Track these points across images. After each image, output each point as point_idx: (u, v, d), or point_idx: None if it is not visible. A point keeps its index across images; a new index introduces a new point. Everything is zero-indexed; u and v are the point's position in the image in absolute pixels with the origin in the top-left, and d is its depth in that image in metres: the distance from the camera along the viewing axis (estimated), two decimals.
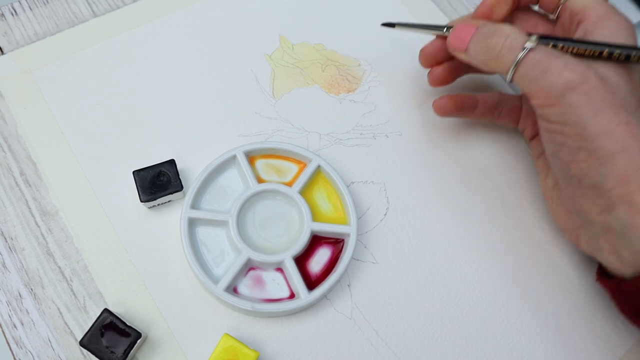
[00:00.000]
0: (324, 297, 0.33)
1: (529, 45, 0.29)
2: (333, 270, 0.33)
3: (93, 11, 0.41)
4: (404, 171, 0.38)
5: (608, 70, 0.29)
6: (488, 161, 0.39)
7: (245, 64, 0.40)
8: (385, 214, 0.36)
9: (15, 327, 0.31)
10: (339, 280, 0.33)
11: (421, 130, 0.39)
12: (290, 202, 0.34)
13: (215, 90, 0.39)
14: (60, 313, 0.31)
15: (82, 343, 0.29)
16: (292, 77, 0.40)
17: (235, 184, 0.35)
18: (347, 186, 0.36)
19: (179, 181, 0.33)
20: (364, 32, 0.43)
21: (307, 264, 0.33)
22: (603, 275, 0.31)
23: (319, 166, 0.35)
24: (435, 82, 0.37)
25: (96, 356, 0.29)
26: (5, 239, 0.33)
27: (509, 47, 0.29)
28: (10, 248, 0.33)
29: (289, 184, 0.35)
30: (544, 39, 0.30)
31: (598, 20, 0.30)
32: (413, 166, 0.38)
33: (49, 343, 0.31)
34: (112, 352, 0.29)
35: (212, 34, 0.41)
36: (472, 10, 0.45)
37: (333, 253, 0.34)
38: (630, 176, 0.26)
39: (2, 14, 0.39)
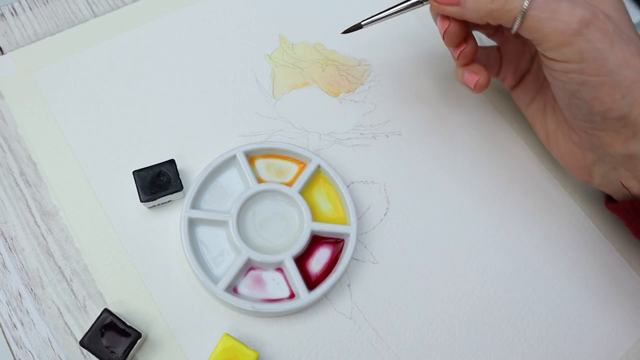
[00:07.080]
0: (324, 297, 0.33)
1: None
2: (333, 270, 0.33)
3: (93, 11, 0.41)
4: (404, 171, 0.38)
5: (605, 6, 0.29)
6: (488, 161, 0.39)
7: (245, 64, 0.40)
8: (385, 214, 0.36)
9: (15, 327, 0.31)
10: (339, 280, 0.33)
11: (421, 130, 0.39)
12: (290, 202, 0.34)
13: (215, 90, 0.39)
14: (60, 313, 0.31)
15: (82, 343, 0.29)
16: (292, 77, 0.40)
17: (235, 184, 0.35)
18: (347, 186, 0.36)
19: (179, 181, 0.33)
20: (364, 31, 0.43)
21: (307, 264, 0.33)
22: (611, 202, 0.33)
23: (319, 166, 0.35)
24: (465, 59, 0.34)
25: (96, 356, 0.29)
26: (5, 239, 0.33)
27: None
28: (10, 248, 0.33)
29: (289, 184, 0.35)
30: None
31: None
32: (413, 166, 0.38)
33: (49, 343, 0.31)
34: (112, 352, 0.29)
35: (212, 33, 0.41)
36: None
37: (333, 253, 0.34)
38: None
39: (2, 14, 0.39)
